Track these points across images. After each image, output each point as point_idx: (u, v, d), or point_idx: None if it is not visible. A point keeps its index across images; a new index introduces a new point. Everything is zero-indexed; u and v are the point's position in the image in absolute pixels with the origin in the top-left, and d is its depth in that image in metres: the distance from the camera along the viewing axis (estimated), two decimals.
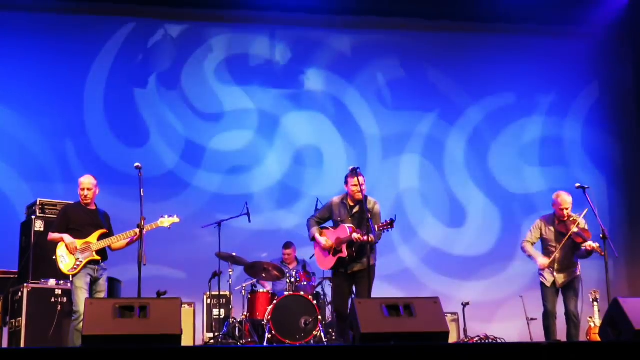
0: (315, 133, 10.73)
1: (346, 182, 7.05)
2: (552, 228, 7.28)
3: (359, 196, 6.88)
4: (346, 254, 6.91)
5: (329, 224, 7.24)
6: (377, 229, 6.75)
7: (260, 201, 10.22)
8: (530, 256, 7.32)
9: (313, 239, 7.08)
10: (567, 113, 11.24)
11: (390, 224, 6.69)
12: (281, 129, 10.64)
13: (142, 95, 10.30)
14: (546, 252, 7.29)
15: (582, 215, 7.14)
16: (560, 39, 11.28)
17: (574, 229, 7.06)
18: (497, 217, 10.87)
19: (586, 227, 7.17)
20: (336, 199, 7.13)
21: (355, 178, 6.85)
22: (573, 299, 7.12)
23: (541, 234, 7.33)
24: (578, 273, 7.23)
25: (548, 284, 7.19)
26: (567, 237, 7.08)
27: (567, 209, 7.18)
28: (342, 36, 10.98)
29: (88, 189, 6.93)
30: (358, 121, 10.84)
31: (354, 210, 7.01)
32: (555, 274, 7.17)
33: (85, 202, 6.94)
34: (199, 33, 10.63)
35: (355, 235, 6.75)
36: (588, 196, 7.26)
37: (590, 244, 7.03)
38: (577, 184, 7.43)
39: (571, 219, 7.16)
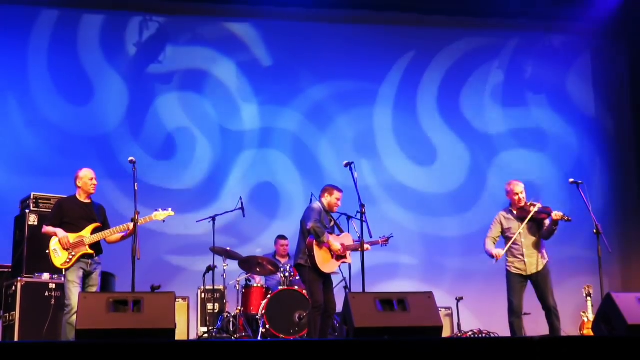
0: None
1: (330, 193, 7.35)
2: (511, 217, 7.31)
3: (335, 210, 7.42)
4: (351, 260, 7.43)
5: None
6: (380, 243, 7.71)
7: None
8: (487, 252, 7.28)
9: (326, 242, 7.16)
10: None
11: (387, 240, 7.75)
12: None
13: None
14: (509, 242, 7.26)
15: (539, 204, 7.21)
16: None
17: (535, 210, 7.12)
18: (467, 156, 11.01)
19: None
20: (320, 206, 7.34)
21: (342, 193, 7.37)
22: (548, 292, 7.11)
23: (502, 227, 7.33)
24: (547, 259, 7.22)
25: (518, 272, 7.17)
26: (528, 218, 7.11)
27: (521, 192, 7.25)
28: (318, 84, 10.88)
29: (95, 179, 6.93)
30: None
31: (332, 222, 7.42)
32: (525, 259, 7.17)
33: (93, 192, 6.92)
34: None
35: (368, 246, 7.16)
36: (582, 192, 7.28)
37: (556, 213, 7.04)
38: (571, 180, 7.45)
39: (528, 203, 7.22)
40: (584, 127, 11.37)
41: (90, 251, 6.75)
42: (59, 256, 6.69)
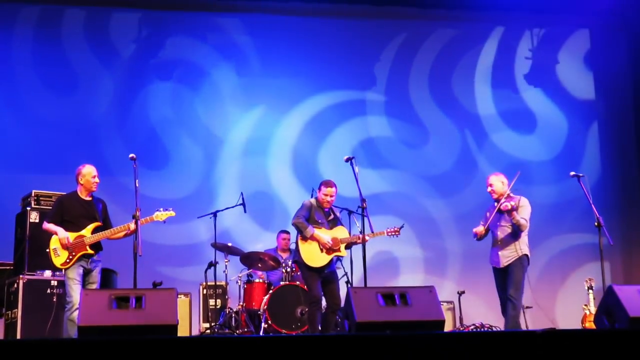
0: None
1: (319, 189, 7.35)
2: (492, 210, 7.33)
3: (327, 206, 7.33)
4: (345, 254, 7.34)
5: None
6: (386, 234, 7.41)
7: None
8: (475, 235, 7.32)
9: (310, 235, 7.13)
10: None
11: (398, 231, 7.45)
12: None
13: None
14: (491, 233, 7.31)
15: (510, 186, 7.20)
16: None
17: (502, 200, 7.10)
18: (458, 137, 11.00)
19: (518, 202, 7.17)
20: (313, 202, 7.36)
21: (332, 189, 7.25)
22: (511, 282, 7.05)
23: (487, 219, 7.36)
24: (520, 253, 7.12)
25: (495, 265, 7.21)
26: (496, 209, 7.13)
27: (490, 185, 7.27)
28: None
29: (98, 176, 6.90)
30: None
31: (329, 217, 7.35)
32: (499, 252, 7.18)
33: (94, 190, 6.89)
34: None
35: (368, 238, 7.09)
36: (582, 184, 7.28)
37: (504, 205, 6.99)
38: (572, 172, 7.45)
39: (504, 196, 7.20)
40: (580, 112, 11.30)
41: (91, 251, 6.72)
42: (58, 256, 6.67)
